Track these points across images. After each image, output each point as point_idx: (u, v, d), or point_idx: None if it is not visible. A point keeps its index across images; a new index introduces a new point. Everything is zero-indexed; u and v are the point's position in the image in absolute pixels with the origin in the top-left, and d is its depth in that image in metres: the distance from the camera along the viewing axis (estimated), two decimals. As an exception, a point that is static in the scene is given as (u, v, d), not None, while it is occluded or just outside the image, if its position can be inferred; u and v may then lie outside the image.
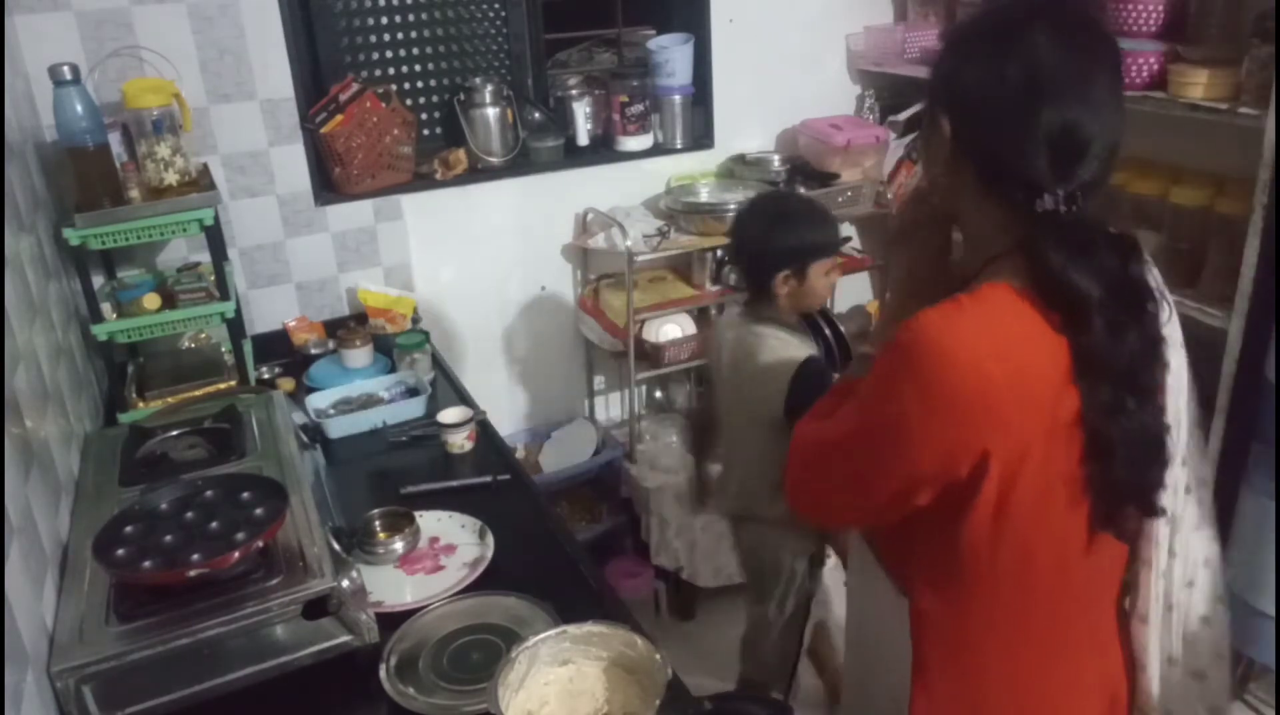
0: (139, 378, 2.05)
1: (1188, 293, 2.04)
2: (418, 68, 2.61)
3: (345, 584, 1.21)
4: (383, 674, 1.24)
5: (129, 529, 1.25)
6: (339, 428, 1.96)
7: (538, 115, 2.71)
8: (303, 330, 2.42)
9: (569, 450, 2.82)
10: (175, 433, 1.64)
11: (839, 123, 2.84)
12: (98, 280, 2.07)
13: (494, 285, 2.72)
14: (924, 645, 1.12)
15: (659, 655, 1.05)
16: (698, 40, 2.73)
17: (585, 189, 2.73)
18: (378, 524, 1.57)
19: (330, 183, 2.45)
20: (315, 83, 2.43)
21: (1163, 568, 1.11)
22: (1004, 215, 0.98)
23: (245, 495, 1.32)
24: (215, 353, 2.14)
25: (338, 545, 1.30)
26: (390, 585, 1.46)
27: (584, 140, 2.73)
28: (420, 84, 2.63)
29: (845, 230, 2.96)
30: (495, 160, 2.60)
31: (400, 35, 2.55)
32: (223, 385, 1.99)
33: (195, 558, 1.19)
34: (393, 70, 2.58)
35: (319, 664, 1.23)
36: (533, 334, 2.84)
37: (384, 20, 2.52)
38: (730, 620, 2.86)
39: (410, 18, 2.55)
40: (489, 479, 1.75)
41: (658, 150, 2.80)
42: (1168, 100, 2.02)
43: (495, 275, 2.71)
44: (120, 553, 1.20)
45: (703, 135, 2.86)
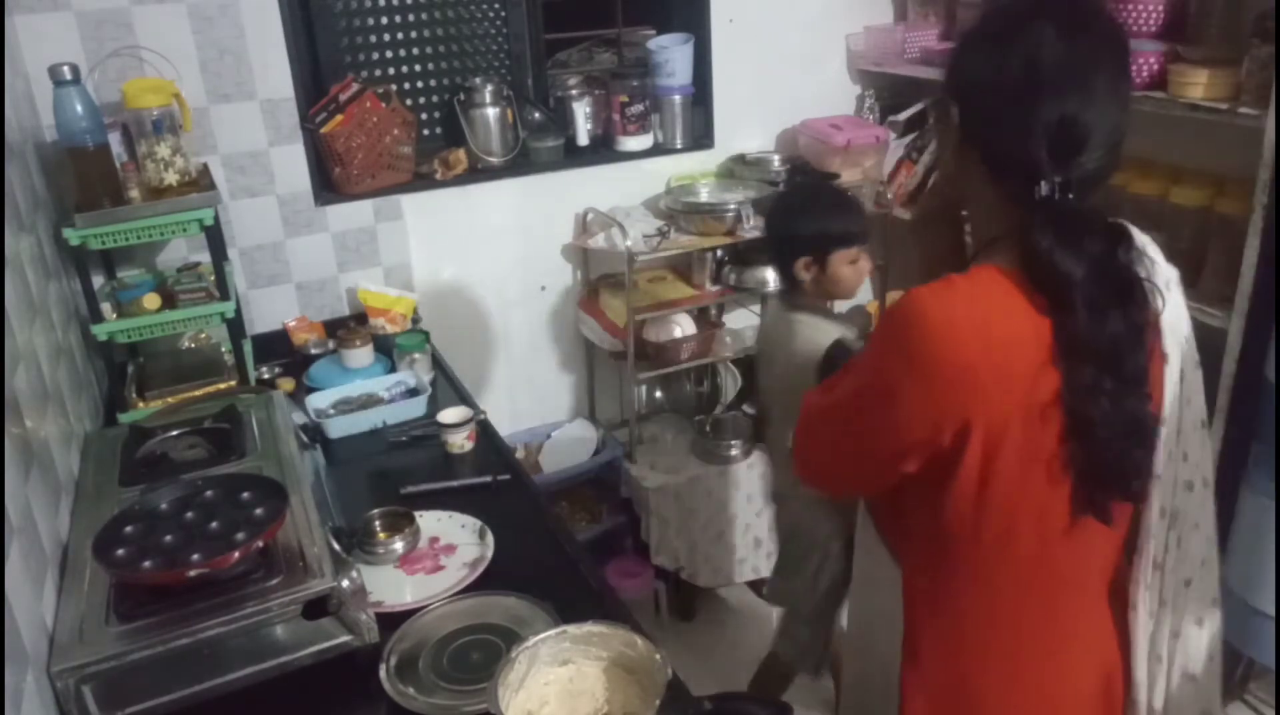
0: (139, 378, 2.05)
1: (1188, 293, 2.03)
2: (418, 68, 2.61)
3: (345, 584, 1.21)
4: (383, 674, 1.24)
5: (129, 529, 1.25)
6: (339, 428, 1.96)
7: (538, 115, 2.71)
8: (303, 330, 2.42)
9: (569, 450, 2.82)
10: (175, 433, 1.64)
11: (839, 123, 2.84)
12: (98, 280, 2.08)
13: (494, 285, 2.72)
14: (913, 614, 1.16)
15: (659, 655, 1.05)
16: (698, 40, 2.73)
17: (585, 189, 2.73)
18: (378, 524, 1.57)
19: (330, 183, 2.45)
20: (315, 83, 2.43)
21: (1157, 560, 1.11)
22: (1005, 201, 1.02)
23: (245, 495, 1.32)
24: (215, 353, 2.14)
25: (338, 545, 1.30)
26: (390, 585, 1.46)
27: (584, 140, 2.73)
28: (420, 84, 2.63)
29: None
30: (495, 160, 2.60)
31: (400, 35, 2.55)
32: (223, 385, 1.99)
33: (195, 558, 1.19)
34: (393, 70, 2.58)
35: (319, 664, 1.23)
36: (533, 334, 2.84)
37: (384, 20, 2.52)
38: (730, 620, 2.87)
39: (410, 18, 2.55)
40: (489, 479, 1.75)
41: (658, 150, 2.80)
42: (1168, 100, 2.02)
43: (495, 275, 2.71)
44: (120, 553, 1.20)
45: (703, 135, 2.86)
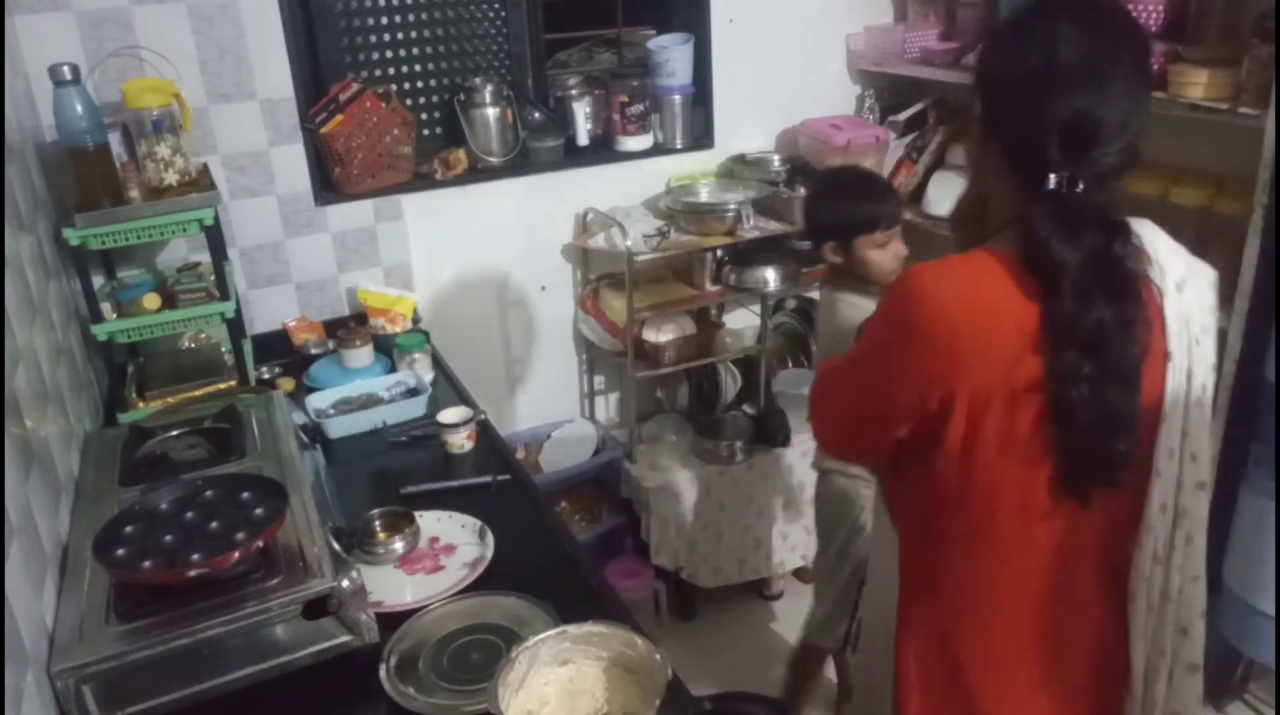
0: (139, 378, 2.04)
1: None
2: (418, 68, 2.61)
3: (345, 584, 1.21)
4: (383, 674, 1.24)
5: (129, 529, 1.25)
6: (339, 428, 1.96)
7: (538, 115, 2.71)
8: (303, 330, 2.42)
9: (569, 450, 2.82)
10: (175, 433, 1.64)
11: (839, 123, 2.84)
12: (98, 280, 2.07)
13: (494, 285, 2.72)
14: (906, 581, 1.24)
15: (659, 655, 1.06)
16: (698, 40, 2.73)
17: (585, 189, 2.73)
18: (378, 524, 1.57)
19: (330, 183, 2.45)
20: (315, 83, 2.43)
21: (1158, 554, 1.12)
22: (1018, 192, 1.06)
23: (245, 495, 1.32)
24: (215, 353, 2.14)
25: (338, 545, 1.30)
26: (390, 585, 1.46)
27: (584, 140, 2.73)
28: (420, 84, 2.63)
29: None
30: (495, 160, 2.60)
31: (400, 35, 2.55)
32: (223, 385, 1.99)
33: (195, 558, 1.19)
34: (393, 70, 2.58)
35: (319, 664, 1.23)
36: (533, 334, 2.84)
37: (384, 20, 2.52)
38: (730, 620, 2.87)
39: (410, 18, 2.55)
40: (489, 479, 1.75)
41: (658, 150, 2.80)
42: (1168, 100, 2.02)
43: (495, 275, 2.71)
44: (120, 553, 1.20)
45: (703, 135, 2.86)
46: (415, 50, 2.59)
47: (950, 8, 2.79)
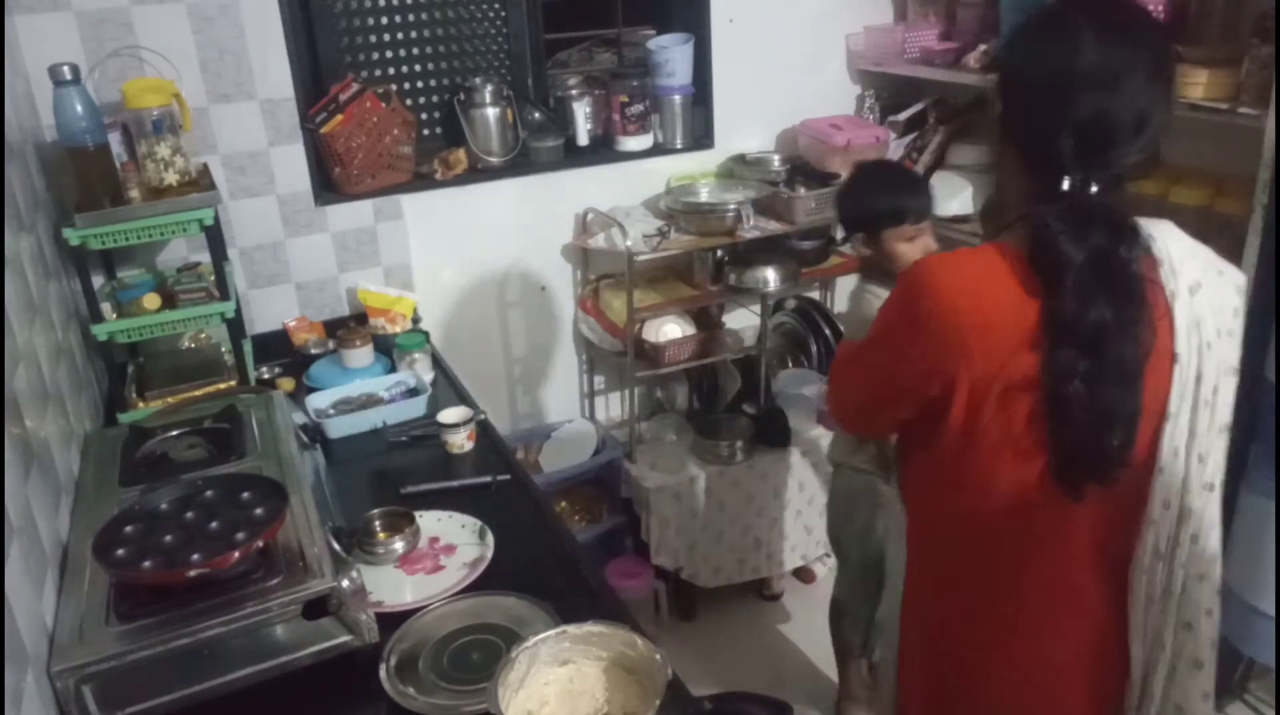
0: (139, 378, 2.04)
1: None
2: (418, 68, 2.61)
3: (345, 584, 1.21)
4: (383, 674, 1.24)
5: (129, 529, 1.25)
6: (339, 428, 1.96)
7: (538, 115, 2.71)
8: (303, 330, 2.42)
9: (569, 450, 2.82)
10: (175, 433, 1.64)
11: (839, 123, 2.84)
12: (98, 280, 2.07)
13: (494, 285, 2.72)
14: (911, 552, 1.30)
15: (659, 655, 1.05)
16: (698, 40, 2.73)
17: (585, 189, 2.72)
18: (378, 524, 1.57)
19: (330, 183, 2.45)
20: (315, 83, 2.43)
21: (1160, 551, 1.13)
22: (1033, 190, 1.08)
23: (245, 495, 1.32)
24: (215, 353, 2.14)
25: (338, 545, 1.30)
26: (390, 585, 1.46)
27: (584, 140, 2.73)
28: (420, 84, 2.63)
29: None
30: (495, 160, 2.60)
31: (400, 35, 2.55)
32: (223, 385, 1.98)
33: (195, 558, 1.19)
34: (393, 70, 2.58)
35: (319, 664, 1.22)
36: (533, 334, 2.84)
37: (384, 20, 2.52)
38: (730, 620, 2.86)
39: (410, 18, 2.55)
40: (489, 479, 1.75)
41: (658, 150, 2.79)
42: (1168, 100, 2.02)
43: (495, 275, 2.71)
44: (120, 553, 1.20)
45: (703, 135, 2.86)
46: (415, 50, 2.59)
47: (950, 8, 2.79)
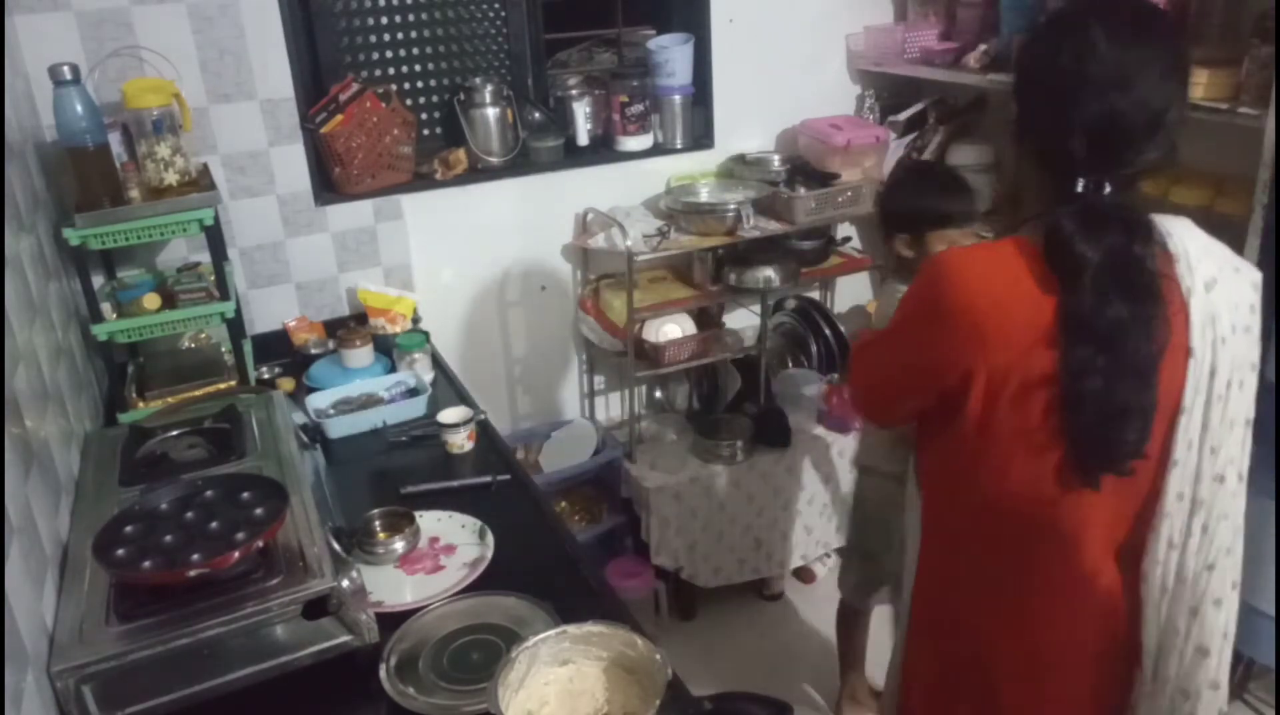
0: (139, 378, 2.04)
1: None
2: (418, 68, 2.61)
3: (345, 584, 1.21)
4: (383, 674, 1.24)
5: (129, 529, 1.25)
6: (339, 428, 1.96)
7: (538, 115, 2.71)
8: (303, 330, 2.42)
9: (569, 450, 2.82)
10: (175, 433, 1.64)
11: (839, 123, 2.84)
12: (98, 280, 2.07)
13: (494, 285, 2.72)
14: (924, 541, 1.32)
15: (659, 655, 1.05)
16: (698, 40, 2.73)
17: (585, 189, 2.72)
18: (378, 524, 1.57)
19: (330, 183, 2.45)
20: (315, 83, 2.43)
21: (1173, 540, 1.15)
22: (1048, 190, 1.09)
23: (245, 495, 1.32)
24: (215, 353, 2.14)
25: (338, 545, 1.30)
26: (390, 585, 1.46)
27: (584, 140, 2.73)
28: (420, 84, 2.63)
29: (844, 230, 2.99)
30: (495, 160, 2.60)
31: (400, 35, 2.55)
32: (223, 385, 1.98)
33: (195, 558, 1.19)
34: (393, 70, 2.58)
35: (319, 664, 1.22)
36: (533, 334, 2.84)
37: (384, 20, 2.52)
38: (730, 620, 2.86)
39: (410, 18, 2.55)
40: (489, 479, 1.75)
41: (658, 150, 2.79)
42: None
43: (495, 275, 2.71)
44: (120, 553, 1.20)
45: (703, 135, 2.86)
46: (415, 50, 2.59)
47: (950, 8, 2.79)
